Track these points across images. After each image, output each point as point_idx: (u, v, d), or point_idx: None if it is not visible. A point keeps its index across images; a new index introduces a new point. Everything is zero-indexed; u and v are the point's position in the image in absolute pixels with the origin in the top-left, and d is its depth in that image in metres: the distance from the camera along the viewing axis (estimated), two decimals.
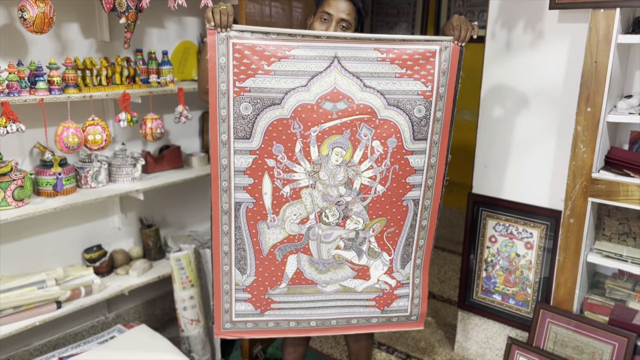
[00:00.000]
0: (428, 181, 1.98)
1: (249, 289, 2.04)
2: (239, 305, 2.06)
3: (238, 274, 2.01)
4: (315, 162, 1.88)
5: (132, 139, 2.65)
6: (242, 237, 1.96)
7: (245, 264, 2.00)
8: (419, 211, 2.02)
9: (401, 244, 2.06)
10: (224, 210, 1.92)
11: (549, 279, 2.45)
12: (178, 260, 2.53)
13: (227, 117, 1.81)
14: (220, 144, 1.84)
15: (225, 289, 2.04)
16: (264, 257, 1.99)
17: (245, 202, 1.91)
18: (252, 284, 2.04)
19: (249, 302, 2.07)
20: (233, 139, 1.83)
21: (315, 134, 1.84)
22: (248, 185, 1.89)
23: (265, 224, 1.95)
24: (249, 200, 1.91)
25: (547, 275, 2.46)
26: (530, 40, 2.36)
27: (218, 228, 1.94)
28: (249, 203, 1.92)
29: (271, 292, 2.06)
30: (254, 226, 1.95)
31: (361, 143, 1.87)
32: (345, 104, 1.82)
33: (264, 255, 1.99)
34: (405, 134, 1.88)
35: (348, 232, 2.00)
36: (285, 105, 1.80)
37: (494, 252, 2.62)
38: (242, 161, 1.86)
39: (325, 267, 2.04)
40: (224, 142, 1.84)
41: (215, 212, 1.92)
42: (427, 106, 1.87)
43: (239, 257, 1.98)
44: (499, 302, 2.65)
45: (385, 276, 2.10)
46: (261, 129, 1.83)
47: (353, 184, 1.93)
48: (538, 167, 2.44)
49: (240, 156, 1.85)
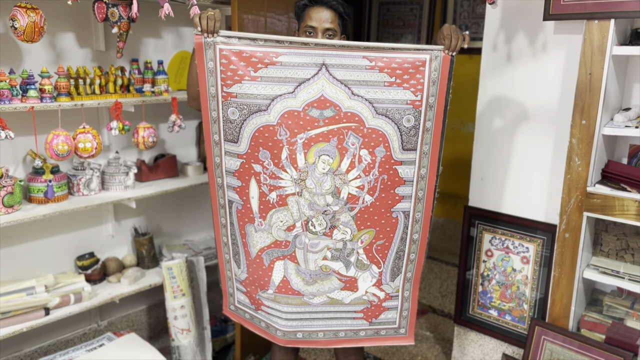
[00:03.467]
0: (419, 193, 1.95)
1: (243, 283, 2.08)
2: (239, 294, 2.12)
3: (235, 266, 2.06)
4: (302, 169, 1.87)
5: (127, 148, 2.66)
6: (235, 234, 2.00)
7: (239, 259, 2.04)
8: (410, 224, 1.99)
9: (391, 257, 2.03)
10: (220, 204, 1.98)
11: (545, 295, 2.39)
12: (169, 269, 2.52)
13: (217, 120, 1.84)
14: (213, 143, 1.89)
15: (229, 275, 2.11)
16: (252, 259, 2.00)
17: (235, 202, 1.94)
18: (245, 280, 2.06)
19: (246, 295, 2.10)
20: (223, 140, 1.86)
21: (301, 141, 1.83)
22: (237, 187, 1.92)
23: (252, 227, 1.95)
24: (238, 201, 1.93)
25: (544, 291, 2.41)
26: (527, 52, 2.33)
27: (218, 220, 2.01)
28: (239, 204, 1.94)
29: (261, 293, 2.06)
30: (243, 227, 1.97)
31: (348, 151, 1.85)
32: (332, 112, 1.80)
33: (252, 257, 2.00)
34: (394, 143, 1.86)
35: (335, 243, 1.97)
36: (271, 112, 1.79)
37: (490, 266, 2.58)
38: (232, 163, 1.88)
39: (312, 278, 2.01)
40: (216, 142, 1.88)
41: (214, 204, 1.99)
42: (416, 116, 1.84)
43: (235, 250, 2.03)
44: (495, 317, 2.59)
45: (374, 288, 2.07)
46: (248, 134, 1.83)
47: (340, 193, 1.91)
48: (535, 181, 2.40)
49: (229, 158, 1.88)
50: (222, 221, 2.00)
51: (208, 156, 1.91)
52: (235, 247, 2.02)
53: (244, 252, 2.01)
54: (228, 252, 2.05)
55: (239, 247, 2.01)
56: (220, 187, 1.95)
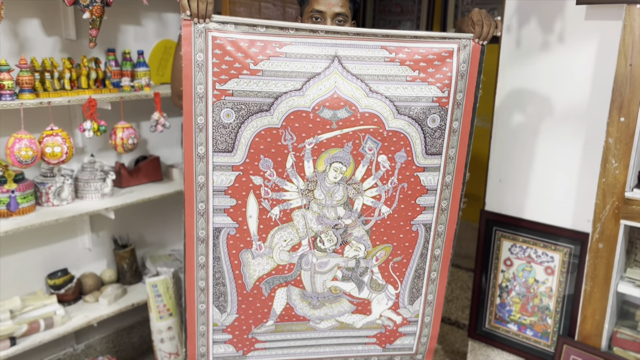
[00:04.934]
0: (442, 203, 1.71)
1: (229, 328, 1.77)
2: (217, 347, 1.79)
3: (217, 313, 1.73)
4: (310, 179, 1.61)
5: (104, 150, 2.36)
6: (221, 270, 1.68)
7: (225, 300, 1.72)
8: (431, 238, 1.75)
9: (410, 276, 1.79)
10: (199, 238, 1.63)
11: (573, 309, 2.17)
12: (154, 286, 2.24)
13: (204, 126, 1.54)
14: (196, 158, 1.56)
15: (202, 330, 1.75)
16: (248, 292, 1.72)
17: (226, 227, 1.64)
18: (233, 323, 1.76)
19: (230, 344, 1.79)
20: (212, 152, 1.56)
21: (310, 146, 1.57)
22: (230, 208, 1.62)
23: (249, 253, 1.67)
24: (231, 225, 1.63)
25: (571, 305, 2.18)
26: (553, 40, 2.09)
27: (193, 260, 1.65)
28: (231, 229, 1.64)
29: (256, 330, 1.78)
30: (236, 256, 1.67)
31: (365, 158, 1.60)
32: (347, 112, 1.54)
33: (248, 290, 1.71)
34: (417, 147, 1.61)
35: (347, 261, 1.72)
36: (275, 113, 1.53)
37: (509, 276, 2.35)
38: (223, 179, 1.59)
39: (320, 301, 1.76)
40: (201, 156, 1.56)
41: (189, 240, 1.63)
42: (442, 115, 1.59)
43: (218, 293, 1.70)
44: (514, 332, 2.37)
45: (390, 312, 1.83)
46: (246, 141, 1.55)
47: (354, 205, 1.65)
48: (561, 184, 2.17)
49: (220, 173, 1.58)
50: (199, 260, 1.65)
51: (187, 176, 1.57)
52: (218, 289, 1.69)
53: (236, 287, 1.70)
54: (205, 300, 1.70)
55: (225, 286, 1.69)
56: (202, 215, 1.61)
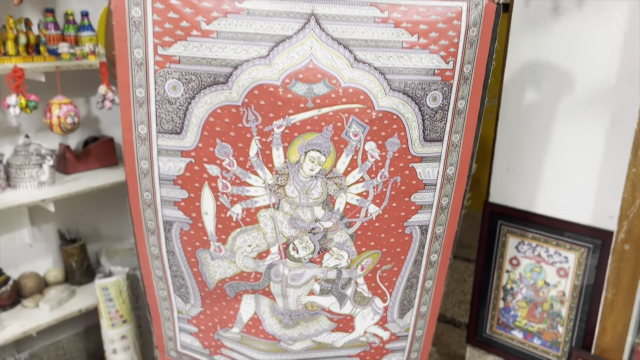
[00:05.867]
0: (442, 200, 1.40)
1: (194, 320, 1.51)
2: (184, 336, 1.55)
3: (179, 302, 1.48)
4: (280, 171, 1.29)
5: (43, 130, 2.00)
6: (177, 265, 1.41)
7: (187, 292, 1.46)
8: (427, 242, 1.45)
9: (401, 286, 1.49)
10: (149, 229, 1.37)
11: (590, 317, 1.89)
12: (104, 289, 1.93)
13: (145, 101, 1.22)
14: (136, 140, 1.27)
15: (166, 314, 1.52)
16: (211, 290, 1.44)
17: (178, 221, 1.34)
18: (198, 316, 1.50)
19: (196, 337, 1.54)
20: (156, 132, 1.25)
21: (280, 130, 1.25)
22: (180, 200, 1.32)
23: (207, 254, 1.38)
24: (183, 220, 1.34)
25: (587, 312, 1.90)
26: (573, 2, 1.75)
27: (145, 250, 1.41)
28: (184, 224, 1.35)
29: (221, 332, 1.51)
30: (192, 254, 1.39)
31: (349, 145, 1.28)
32: (326, 87, 1.21)
33: (210, 289, 1.44)
34: (413, 132, 1.29)
35: (326, 272, 1.41)
36: (234, 86, 1.20)
37: (515, 277, 2.06)
38: (171, 166, 1.28)
39: (293, 320, 1.46)
40: (142, 138, 1.26)
41: (138, 230, 1.38)
42: (445, 92, 1.27)
43: (178, 284, 1.45)
44: (519, 340, 2.09)
45: (376, 327, 1.54)
46: (198, 121, 1.23)
47: (335, 204, 1.34)
48: (580, 173, 1.86)
49: (167, 159, 1.27)
50: (152, 251, 1.41)
51: (127, 160, 1.30)
52: (178, 280, 1.45)
53: (196, 283, 1.45)
54: (165, 287, 1.47)
55: (185, 279, 1.44)
56: (149, 206, 1.34)
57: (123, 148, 1.28)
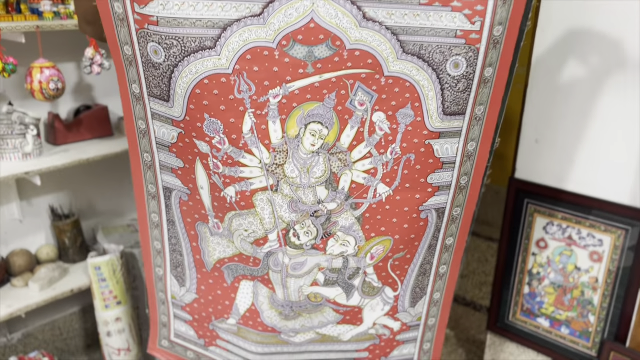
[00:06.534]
0: (461, 179, 1.22)
1: (188, 308, 1.40)
2: (178, 324, 1.44)
3: (175, 284, 1.38)
4: (278, 148, 1.13)
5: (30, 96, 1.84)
6: (177, 237, 1.30)
7: (183, 273, 1.35)
8: (443, 225, 1.28)
9: (413, 274, 1.34)
10: (150, 192, 1.27)
11: (625, 307, 1.71)
12: (97, 268, 1.80)
13: (133, 60, 1.09)
14: (132, 98, 1.15)
15: (161, 297, 1.42)
16: (208, 272, 1.32)
17: (177, 189, 1.22)
18: (192, 304, 1.39)
19: (190, 326, 1.42)
20: (147, 94, 1.11)
21: (276, 100, 1.08)
22: (177, 169, 1.20)
23: (207, 228, 1.26)
24: (182, 189, 1.22)
25: (622, 301, 1.72)
26: None
27: (145, 216, 1.31)
28: (182, 193, 1.23)
29: (216, 323, 1.39)
30: (192, 226, 1.27)
31: (354, 116, 1.11)
32: (329, 50, 1.04)
33: (208, 269, 1.32)
34: (430, 103, 1.11)
35: (331, 259, 1.26)
36: (222, 51, 1.03)
37: (542, 261, 1.88)
38: (164, 132, 1.17)
39: (294, 311, 1.31)
40: (137, 96, 1.14)
41: (138, 193, 1.29)
42: (470, 58, 1.08)
43: (175, 261, 1.34)
44: (545, 328, 1.93)
45: (386, 318, 1.39)
46: (182, 91, 1.08)
47: (339, 182, 1.18)
48: (618, 147, 1.66)
49: (160, 124, 1.16)
50: (152, 218, 1.29)
51: (126, 118, 1.19)
52: (176, 256, 1.32)
53: (194, 262, 1.32)
54: (162, 263, 1.35)
55: (183, 255, 1.31)
56: (149, 167, 1.23)
57: (122, 104, 1.17)
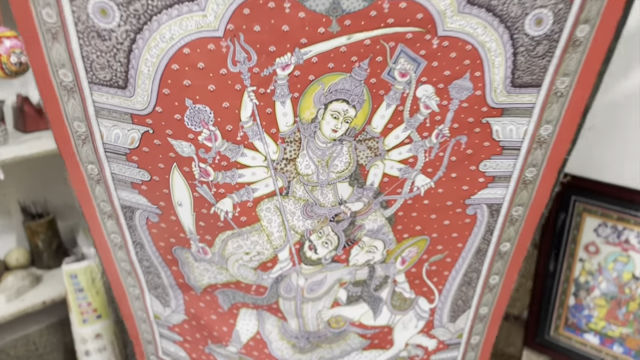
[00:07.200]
0: (526, 172, 0.96)
1: (177, 329, 1.15)
2: (167, 343, 1.20)
3: (157, 304, 1.11)
4: (288, 137, 0.86)
5: None
6: (149, 260, 1.02)
7: (165, 294, 1.09)
8: (498, 226, 1.02)
9: (454, 283, 1.08)
10: (104, 211, 0.97)
11: None
12: (73, 276, 1.55)
13: (60, 30, 0.78)
14: (59, 91, 0.83)
15: (141, 315, 1.15)
16: (197, 295, 1.04)
17: (141, 209, 0.92)
18: (182, 325, 1.14)
19: (181, 347, 1.17)
20: (87, 82, 0.81)
21: (286, 72, 0.81)
22: (140, 183, 0.90)
23: (188, 253, 0.97)
24: (149, 208, 0.92)
25: None
26: None
27: (103, 237, 1.01)
28: (150, 213, 0.92)
29: (214, 347, 1.12)
30: (167, 250, 0.98)
31: (392, 91, 0.84)
32: (362, 0, 0.76)
33: (197, 292, 1.05)
34: (496, 72, 0.84)
35: (354, 271, 1.00)
36: (208, 5, 0.75)
37: (592, 268, 1.63)
38: (118, 134, 0.86)
39: (312, 343, 1.05)
40: (68, 88, 0.82)
41: (88, 211, 0.97)
42: (559, 11, 0.80)
43: (154, 283, 1.08)
44: (594, 346, 1.67)
45: (420, 336, 1.14)
46: (150, 70, 0.79)
47: (367, 177, 0.91)
48: None
49: (111, 123, 0.86)
50: (113, 239, 1.01)
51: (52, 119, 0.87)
52: (153, 278, 1.05)
53: (177, 285, 1.05)
54: (136, 283, 1.09)
55: (161, 277, 1.03)
56: (98, 182, 0.93)
57: (42, 103, 0.85)
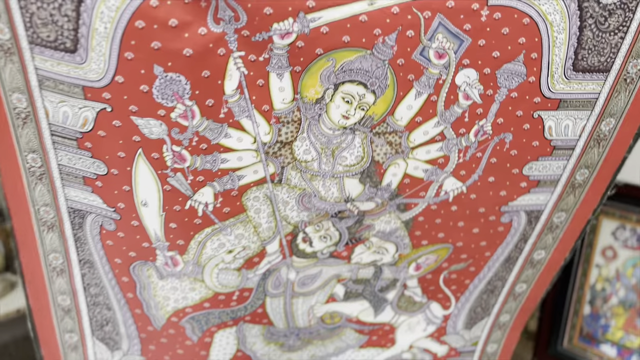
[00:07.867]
0: (577, 174, 0.84)
1: None
2: None
3: (103, 350, 0.93)
4: (284, 117, 0.74)
5: None
6: (100, 283, 0.86)
7: (116, 332, 0.92)
8: (535, 233, 0.91)
9: (475, 291, 0.99)
10: (43, 220, 0.80)
11: None
12: None
13: None
14: None
15: None
16: (157, 330, 0.90)
17: (94, 213, 0.78)
18: None
19: None
20: (26, 42, 0.65)
21: (286, 42, 0.67)
22: (94, 178, 0.75)
23: (151, 270, 0.84)
24: (104, 211, 0.78)
25: None
26: None
27: (37, 258, 0.82)
28: (105, 219, 0.79)
29: None
30: (124, 270, 0.85)
31: (425, 75, 0.71)
32: None
33: (157, 328, 0.90)
34: (557, 52, 0.71)
35: (356, 269, 0.88)
36: None
37: (609, 274, 1.55)
38: (67, 113, 0.70)
39: (302, 339, 0.94)
40: (5, 48, 0.65)
41: (19, 222, 0.80)
42: None
43: (101, 319, 0.90)
44: (611, 358, 1.60)
45: (428, 340, 1.04)
46: (107, 29, 0.63)
47: (383, 176, 0.79)
48: None
49: (57, 98, 0.69)
50: (51, 261, 0.84)
51: None
52: (101, 312, 0.89)
53: (132, 317, 0.90)
54: (75, 327, 0.91)
55: (112, 308, 0.89)
56: (40, 179, 0.77)
57: None
